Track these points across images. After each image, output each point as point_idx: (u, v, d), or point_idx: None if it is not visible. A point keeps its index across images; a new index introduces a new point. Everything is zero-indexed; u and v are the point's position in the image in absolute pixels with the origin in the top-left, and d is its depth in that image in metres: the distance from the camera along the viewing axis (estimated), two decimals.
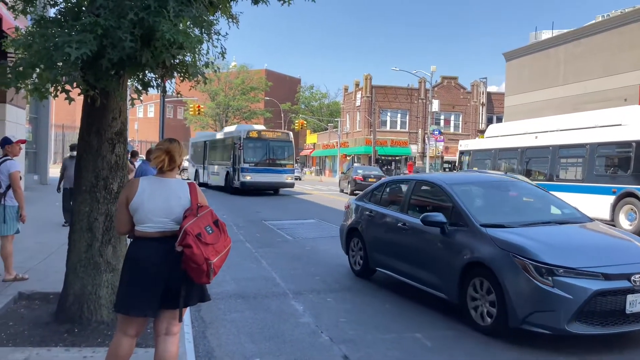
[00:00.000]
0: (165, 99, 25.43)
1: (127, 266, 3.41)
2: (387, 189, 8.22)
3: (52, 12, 5.55)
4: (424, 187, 7.45)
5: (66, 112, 43.44)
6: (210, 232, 3.26)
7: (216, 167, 29.15)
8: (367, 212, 7.92)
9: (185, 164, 36.02)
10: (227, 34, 4.87)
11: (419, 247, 6.58)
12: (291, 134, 27.71)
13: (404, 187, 7.71)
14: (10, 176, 6.47)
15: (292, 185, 26.58)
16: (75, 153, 11.04)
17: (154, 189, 3.39)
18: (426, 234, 6.40)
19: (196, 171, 33.14)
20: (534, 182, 12.24)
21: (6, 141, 6.83)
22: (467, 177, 8.12)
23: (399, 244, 7.02)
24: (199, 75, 4.81)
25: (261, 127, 30.80)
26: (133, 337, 3.46)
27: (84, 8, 4.63)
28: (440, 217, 6.10)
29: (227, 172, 26.61)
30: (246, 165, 24.93)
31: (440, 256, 6.17)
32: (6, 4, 5.71)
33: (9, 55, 11.95)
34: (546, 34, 36.88)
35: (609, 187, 15.01)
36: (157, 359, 3.45)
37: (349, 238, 8.36)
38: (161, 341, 3.44)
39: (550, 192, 7.90)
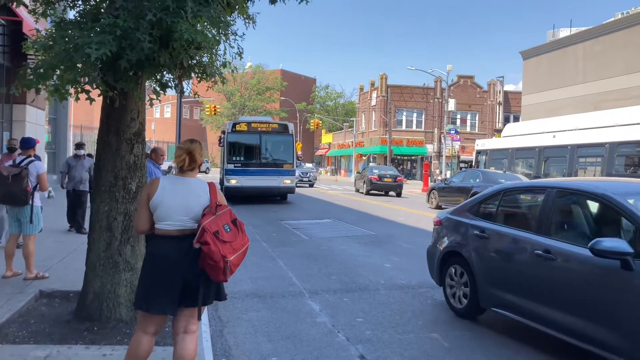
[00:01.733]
0: (182, 100, 24.90)
1: (146, 264, 3.47)
2: (506, 200, 6.09)
3: (71, 14, 5.63)
4: (572, 199, 5.32)
5: (84, 112, 43.97)
6: (228, 230, 3.31)
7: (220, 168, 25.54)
8: (476, 232, 5.93)
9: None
10: (244, 34, 4.90)
11: (578, 287, 4.59)
12: (291, 125, 21.07)
13: (536, 198, 5.69)
14: (39, 177, 6.69)
15: (292, 190, 20.47)
16: (81, 152, 10.72)
17: (174, 187, 3.46)
18: (593, 268, 4.44)
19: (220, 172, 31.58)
20: None
21: (32, 143, 7.03)
22: (634, 185, 5.48)
23: (536, 278, 4.99)
24: (216, 76, 4.85)
25: (253, 118, 25.70)
26: (152, 335, 3.51)
27: (102, 10, 4.69)
28: (622, 245, 4.19)
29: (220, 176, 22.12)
30: (230, 166, 19.35)
31: (624, 303, 4.20)
32: (26, 6, 5.80)
33: (28, 57, 12.13)
34: (564, 32, 36.46)
35: None
36: (176, 358, 3.48)
37: (445, 265, 6.44)
38: (180, 340, 3.48)
39: None
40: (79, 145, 11.16)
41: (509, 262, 5.47)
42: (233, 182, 19.25)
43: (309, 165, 54.84)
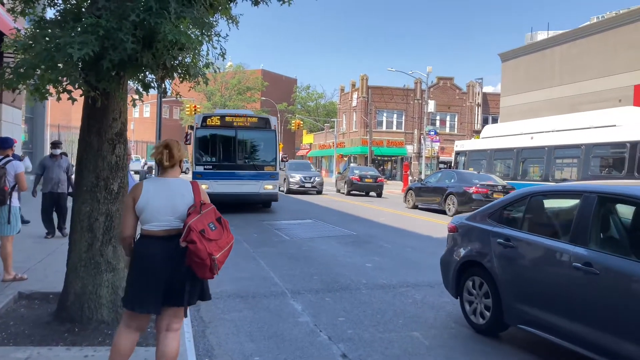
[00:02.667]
0: (162, 99, 24.57)
1: (134, 264, 3.51)
2: (534, 205, 5.47)
3: (50, 13, 5.58)
4: (615, 205, 4.69)
5: (61, 112, 43.26)
6: (214, 228, 3.37)
7: None
8: (500, 240, 5.32)
9: None
10: (227, 35, 4.91)
11: (628, 305, 4.01)
12: (274, 119, 17.84)
13: (570, 203, 5.07)
14: (17, 177, 6.62)
15: (274, 197, 17.29)
16: (57, 151, 9.83)
17: (158, 189, 3.52)
18: None
19: None
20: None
21: (9, 142, 6.95)
22: None
23: (574, 294, 4.41)
24: (199, 76, 4.86)
25: (228, 110, 22.24)
26: (136, 331, 3.58)
27: (83, 9, 4.66)
28: None
29: None
30: (200, 169, 16.35)
31: None
32: (3, 4, 5.73)
33: (5, 56, 11.94)
34: (542, 35, 37.03)
35: None
36: (158, 355, 3.54)
37: (463, 276, 5.88)
38: (163, 337, 3.55)
39: None
40: (55, 144, 10.11)
41: (540, 275, 4.86)
42: (203, 187, 16.05)
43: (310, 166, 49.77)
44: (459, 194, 17.87)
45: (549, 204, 5.64)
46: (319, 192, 27.41)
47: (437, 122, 50.92)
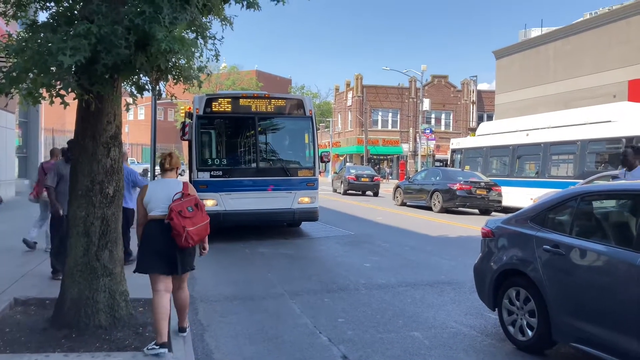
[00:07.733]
0: (157, 102, 24.52)
1: (143, 239, 4.67)
2: (585, 207, 4.85)
3: (42, 17, 5.53)
4: None
5: (56, 115, 43.05)
6: (191, 210, 4.56)
7: None
8: (547, 247, 4.72)
9: None
10: (222, 37, 4.87)
11: None
12: (308, 100, 12.68)
13: (629, 205, 4.62)
14: None
15: (313, 214, 12.09)
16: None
17: (160, 186, 4.74)
18: None
19: None
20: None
21: None
22: None
23: None
24: (193, 79, 4.83)
25: (241, 91, 18.06)
26: (163, 291, 4.57)
27: (76, 12, 4.62)
28: None
29: None
30: (204, 176, 11.18)
31: None
32: None
33: None
34: (535, 32, 37.16)
35: None
36: (175, 301, 4.88)
37: (501, 286, 5.29)
38: (176, 293, 4.82)
39: (543, 189, 7.43)
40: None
41: (599, 287, 4.24)
42: (209, 204, 10.79)
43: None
44: (443, 190, 18.49)
45: (603, 205, 5.01)
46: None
47: (432, 120, 50.98)
